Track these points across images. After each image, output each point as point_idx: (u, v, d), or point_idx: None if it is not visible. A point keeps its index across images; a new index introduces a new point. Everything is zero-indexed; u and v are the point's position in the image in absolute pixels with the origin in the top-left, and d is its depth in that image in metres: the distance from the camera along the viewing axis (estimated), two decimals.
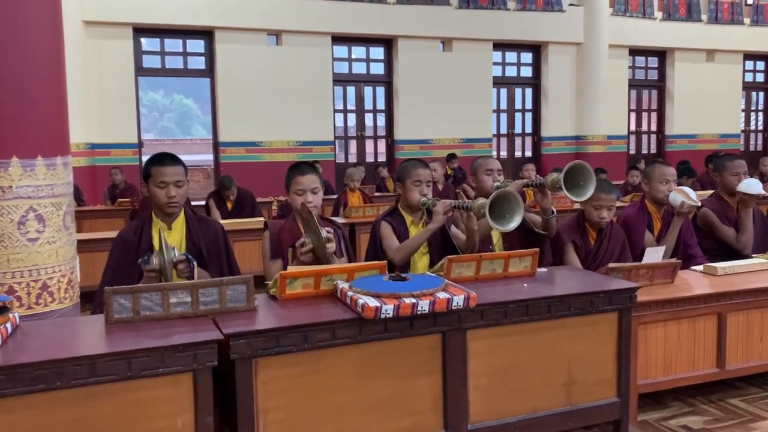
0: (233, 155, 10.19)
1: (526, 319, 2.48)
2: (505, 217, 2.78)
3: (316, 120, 10.52)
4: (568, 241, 3.40)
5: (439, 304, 2.24)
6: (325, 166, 10.07)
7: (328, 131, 10.71)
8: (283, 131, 10.41)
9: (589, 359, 2.60)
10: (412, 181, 3.15)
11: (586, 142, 11.93)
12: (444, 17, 10.99)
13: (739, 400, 3.04)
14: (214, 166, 10.63)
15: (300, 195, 2.91)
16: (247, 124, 10.16)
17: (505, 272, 2.81)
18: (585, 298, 2.56)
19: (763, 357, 3.05)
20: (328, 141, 10.72)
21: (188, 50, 10.30)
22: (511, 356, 2.48)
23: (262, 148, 10.34)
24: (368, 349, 2.26)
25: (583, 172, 3.02)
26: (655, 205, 3.64)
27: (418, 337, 2.32)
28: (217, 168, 10.36)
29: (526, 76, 12.14)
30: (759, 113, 13.96)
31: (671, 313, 2.84)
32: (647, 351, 2.81)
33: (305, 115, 10.40)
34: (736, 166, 3.79)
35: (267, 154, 10.33)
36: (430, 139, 11.35)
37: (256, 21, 10.04)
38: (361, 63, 11.19)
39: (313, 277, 2.47)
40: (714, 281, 3.08)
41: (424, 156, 10.31)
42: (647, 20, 12.25)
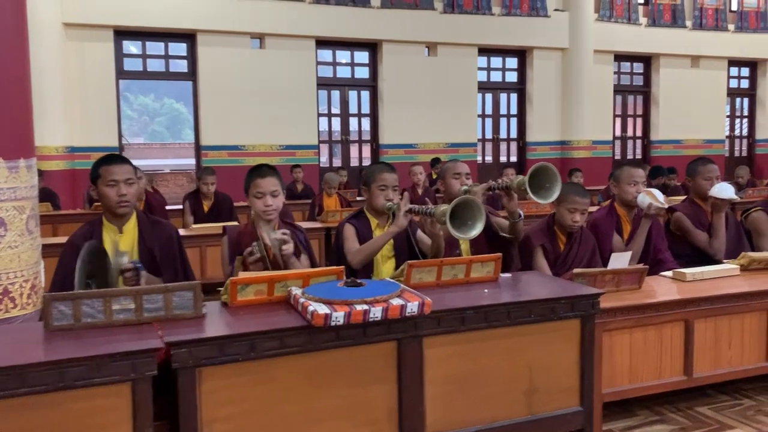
0: (215, 159, 10.09)
1: (485, 325, 2.41)
2: (467, 224, 2.71)
3: (299, 124, 10.45)
4: (537, 246, 3.35)
5: (392, 311, 2.17)
6: (309, 169, 10.03)
7: (312, 135, 10.64)
8: (267, 135, 10.34)
9: (551, 367, 2.54)
10: (378, 186, 3.09)
11: (571, 147, 11.91)
12: (429, 22, 10.96)
13: (708, 409, 2.99)
14: (196, 169, 10.51)
15: (259, 198, 2.84)
16: (230, 127, 10.08)
17: (468, 277, 2.75)
18: (546, 305, 2.50)
19: (732, 364, 3.00)
20: (312, 145, 10.65)
21: (170, 53, 10.20)
22: (470, 364, 2.41)
23: (245, 151, 10.26)
24: (319, 358, 2.19)
25: (548, 174, 2.97)
26: (624, 208, 3.60)
27: (372, 344, 2.25)
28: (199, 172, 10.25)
29: (511, 81, 12.12)
30: (743, 119, 14.01)
31: (637, 319, 2.78)
32: (612, 358, 2.75)
33: (289, 119, 10.33)
34: (708, 171, 3.75)
35: (250, 157, 10.21)
36: (415, 144, 11.30)
37: (239, 24, 9.97)
38: (346, 67, 11.13)
39: (266, 283, 2.39)
40: (682, 287, 3.03)
41: (409, 160, 10.27)
42: (632, 26, 12.27)
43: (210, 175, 5.96)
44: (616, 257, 3.04)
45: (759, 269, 3.34)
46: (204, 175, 6.00)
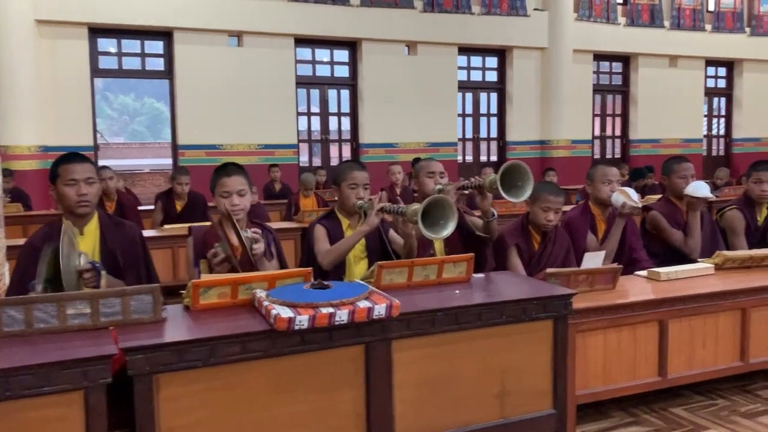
0: (193, 158, 9.96)
1: (456, 327, 2.36)
2: (439, 224, 2.66)
3: (278, 123, 10.35)
4: (512, 245, 3.30)
5: (359, 314, 2.11)
6: (288, 169, 9.94)
7: (291, 134, 10.54)
8: (245, 134, 10.22)
9: (523, 369, 2.49)
10: (348, 184, 3.03)
11: (551, 147, 11.94)
12: (409, 20, 10.91)
13: (682, 409, 2.96)
14: (173, 169, 10.36)
15: (225, 197, 2.76)
16: (208, 126, 9.96)
17: (439, 278, 2.69)
18: (518, 306, 2.45)
19: (706, 365, 2.98)
20: (291, 144, 10.55)
21: (147, 51, 10.05)
22: (441, 367, 2.35)
23: (223, 151, 10.13)
24: (284, 363, 2.11)
25: (520, 172, 2.92)
26: (598, 207, 3.57)
27: (339, 348, 2.18)
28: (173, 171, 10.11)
29: (491, 80, 12.12)
30: (721, 119, 14.15)
31: (611, 320, 2.74)
32: (586, 360, 2.72)
33: (267, 118, 10.23)
34: (683, 169, 3.74)
35: (228, 157, 10.07)
36: (395, 143, 11.24)
37: (217, 22, 9.85)
38: (325, 65, 11.05)
39: (229, 285, 2.31)
40: (656, 287, 3.00)
41: (390, 160, 10.20)
42: (611, 25, 12.34)
43: (184, 175, 5.85)
44: (590, 257, 3.01)
45: (733, 268, 3.33)
46: (178, 175, 5.89)
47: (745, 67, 13.70)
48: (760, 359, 3.10)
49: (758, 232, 3.94)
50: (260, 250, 2.62)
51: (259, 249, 2.61)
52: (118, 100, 37.58)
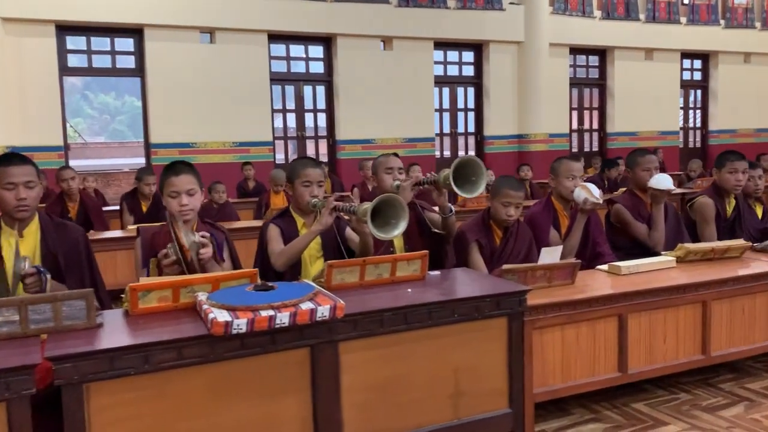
0: (166, 157, 9.76)
1: (405, 327, 2.30)
2: (390, 223, 2.59)
3: (253, 120, 10.21)
4: (472, 241, 3.25)
5: (301, 316, 2.04)
6: (264, 167, 9.82)
7: (266, 131, 10.41)
8: (219, 132, 10.08)
9: (477, 368, 2.43)
10: (301, 182, 2.95)
11: (528, 141, 11.93)
12: (384, 15, 10.82)
13: (644, 405, 2.93)
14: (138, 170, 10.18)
15: (174, 198, 2.68)
16: (180, 124, 9.80)
17: (393, 277, 2.63)
18: (470, 304, 2.40)
19: (668, 359, 2.94)
20: (266, 141, 10.43)
21: (116, 49, 9.87)
22: (391, 368, 2.29)
23: (196, 149, 9.99)
24: (223, 369, 2.04)
25: (474, 167, 2.87)
26: (561, 202, 3.53)
27: (283, 352, 2.12)
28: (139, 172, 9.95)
29: (468, 75, 12.06)
30: (697, 111, 14.22)
31: (568, 315, 2.69)
32: (544, 357, 2.66)
33: (242, 115, 10.09)
34: (647, 162, 3.70)
35: (201, 155, 9.97)
36: (372, 139, 11.16)
37: (188, 18, 9.68)
38: (300, 62, 10.92)
39: (170, 288, 2.23)
40: (616, 281, 2.96)
41: (367, 156, 10.13)
42: (587, 19, 12.32)
43: (150, 176, 5.73)
44: (547, 252, 2.96)
45: (695, 260, 3.30)
46: (144, 175, 5.76)
47: (720, 59, 13.76)
48: (722, 352, 3.07)
49: (727, 222, 3.92)
50: (207, 255, 2.53)
51: (206, 254, 2.53)
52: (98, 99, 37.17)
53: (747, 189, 4.03)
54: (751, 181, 4.01)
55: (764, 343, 3.20)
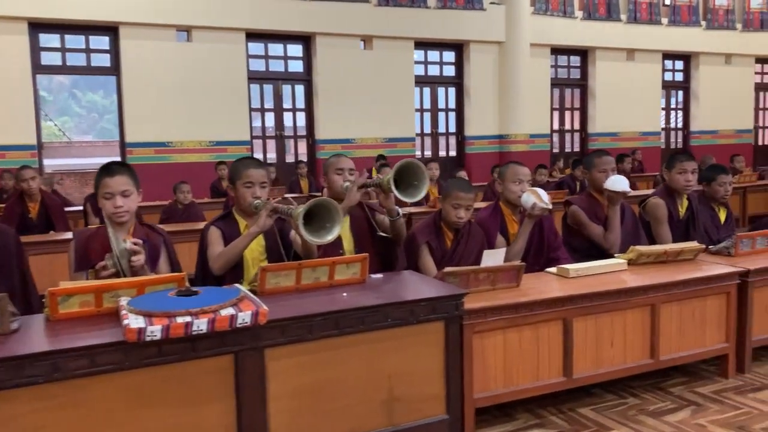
0: (141, 156, 9.72)
1: (337, 333, 2.24)
2: (325, 227, 2.54)
3: (230, 119, 10.13)
4: (423, 243, 3.20)
5: (220, 323, 1.98)
6: None
7: (243, 131, 10.33)
8: (195, 131, 9.99)
9: (413, 374, 2.39)
10: (243, 183, 2.89)
11: (509, 141, 11.91)
12: (363, 14, 10.76)
13: (590, 410, 2.89)
14: None
15: (108, 199, 2.61)
16: (156, 123, 9.70)
17: (331, 280, 2.57)
18: (405, 308, 2.35)
19: (615, 363, 2.91)
20: (244, 141, 10.34)
21: (91, 47, 9.75)
22: (322, 375, 2.24)
23: (173, 148, 9.90)
24: (140, 376, 1.98)
25: (416, 171, 2.82)
26: (509, 207, 3.48)
27: (204, 359, 2.06)
28: None
29: (449, 75, 12.03)
30: (678, 111, 14.27)
31: (510, 319, 2.65)
32: (485, 361, 2.62)
33: (219, 115, 10.01)
34: (603, 163, 3.67)
35: (178, 154, 9.89)
36: (352, 139, 11.10)
37: (165, 16, 9.59)
38: (279, 60, 10.84)
39: (92, 293, 2.17)
40: (563, 284, 2.92)
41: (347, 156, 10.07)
42: (568, 19, 12.32)
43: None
44: (489, 254, 2.91)
45: (647, 263, 3.27)
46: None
47: (701, 60, 13.80)
48: (672, 356, 3.05)
49: (680, 223, 3.89)
50: (139, 263, 2.47)
51: (138, 262, 2.47)
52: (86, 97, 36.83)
53: (716, 194, 4.01)
54: (722, 187, 3.99)
55: (715, 347, 3.17)
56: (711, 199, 4.06)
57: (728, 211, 4.16)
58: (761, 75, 14.79)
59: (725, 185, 4.00)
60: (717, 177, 4.01)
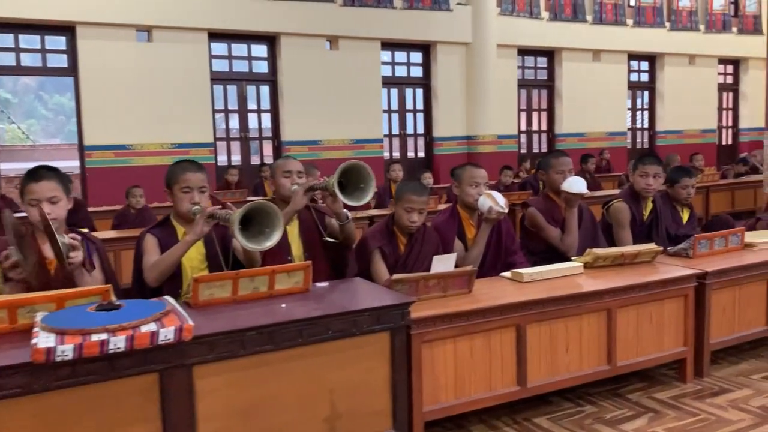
0: (100, 159, 9.44)
1: (272, 348, 2.11)
2: (264, 232, 2.40)
3: (193, 121, 9.89)
4: (375, 248, 3.08)
5: (139, 340, 1.84)
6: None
7: (207, 132, 10.10)
8: (156, 133, 9.72)
9: (356, 388, 2.26)
10: (180, 188, 2.74)
11: (477, 142, 11.87)
12: (329, 15, 10.61)
13: (546, 419, 2.80)
14: (81, 171, 9.80)
15: (33, 206, 2.44)
16: (116, 126, 9.42)
17: (271, 290, 2.44)
18: (347, 318, 2.23)
19: (571, 370, 2.82)
20: (207, 143, 10.11)
21: (47, 47, 9.44)
22: (256, 392, 2.10)
23: (134, 151, 9.62)
24: (53, 400, 1.82)
25: (361, 173, 2.70)
26: (466, 210, 3.38)
27: (125, 379, 1.91)
28: (83, 174, 9.57)
29: (416, 76, 11.94)
30: (644, 111, 14.40)
31: (461, 327, 2.55)
32: (435, 372, 2.51)
33: (181, 116, 9.76)
34: (560, 164, 3.59)
35: (138, 157, 9.63)
36: (319, 140, 10.94)
37: (124, 16, 9.32)
38: (243, 61, 10.63)
39: (5, 308, 2.00)
40: (517, 289, 2.82)
41: (314, 158, 9.94)
42: (534, 20, 12.33)
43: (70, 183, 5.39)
44: (439, 260, 2.81)
45: (604, 266, 3.20)
46: None
47: (666, 60, 13.95)
48: (629, 361, 2.98)
49: (644, 226, 3.85)
50: (77, 260, 2.31)
51: (76, 258, 2.31)
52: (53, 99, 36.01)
53: (679, 196, 3.98)
54: (684, 190, 3.96)
55: (674, 351, 3.11)
56: (674, 200, 4.03)
57: (691, 212, 4.13)
58: (724, 75, 15.01)
59: (688, 188, 3.99)
60: (680, 179, 3.99)
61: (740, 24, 14.49)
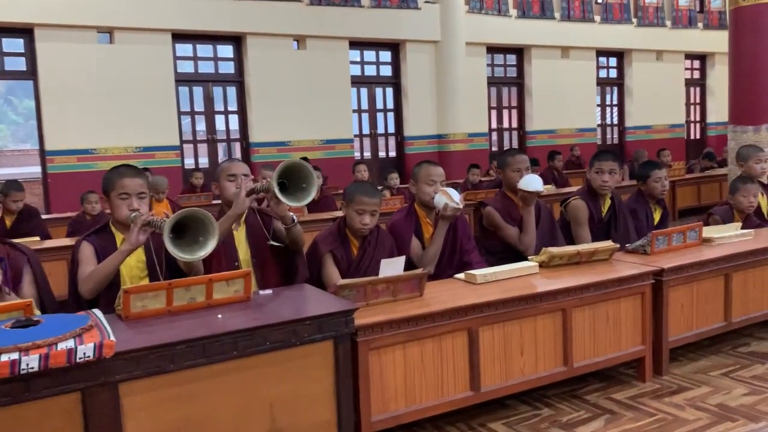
0: (63, 164, 9.22)
1: (204, 362, 2.01)
2: (198, 240, 2.30)
3: (158, 124, 9.70)
4: (326, 252, 2.99)
5: (55, 359, 1.73)
6: (171, 172, 9.36)
7: (172, 135, 9.91)
8: (120, 137, 9.52)
9: (298, 401, 2.17)
10: (118, 194, 2.62)
11: (448, 141, 11.83)
12: (296, 14, 10.49)
13: (501, 423, 2.74)
14: (42, 177, 9.54)
15: None
16: (78, 130, 9.20)
17: (209, 300, 2.33)
18: (286, 329, 2.13)
19: (526, 373, 2.76)
20: (173, 146, 9.92)
21: (4, 50, 9.17)
22: (190, 409, 2.00)
23: (97, 155, 9.40)
24: None
25: (302, 173, 2.61)
26: (423, 209, 3.31)
27: (44, 400, 1.79)
28: (45, 180, 9.33)
29: (386, 75, 11.87)
30: (614, 108, 14.50)
31: (410, 333, 2.47)
32: (383, 380, 2.43)
33: (145, 119, 9.56)
34: (517, 162, 3.53)
35: (102, 162, 9.38)
36: (288, 141, 10.81)
37: (84, 17, 9.09)
38: (208, 62, 10.46)
39: None
40: (470, 291, 2.75)
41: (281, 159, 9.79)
42: (503, 18, 12.33)
43: (19, 192, 5.23)
44: (387, 263, 2.72)
45: (560, 265, 3.15)
46: (12, 191, 5.23)
47: (634, 57, 14.06)
48: (586, 362, 2.93)
49: (602, 224, 3.81)
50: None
51: None
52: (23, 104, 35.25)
53: (653, 191, 3.92)
54: (658, 183, 3.91)
55: (631, 350, 3.07)
56: (650, 197, 3.98)
57: (664, 212, 4.05)
58: (690, 71, 15.19)
59: (661, 180, 3.91)
60: (651, 173, 3.92)
61: (706, 19, 14.66)
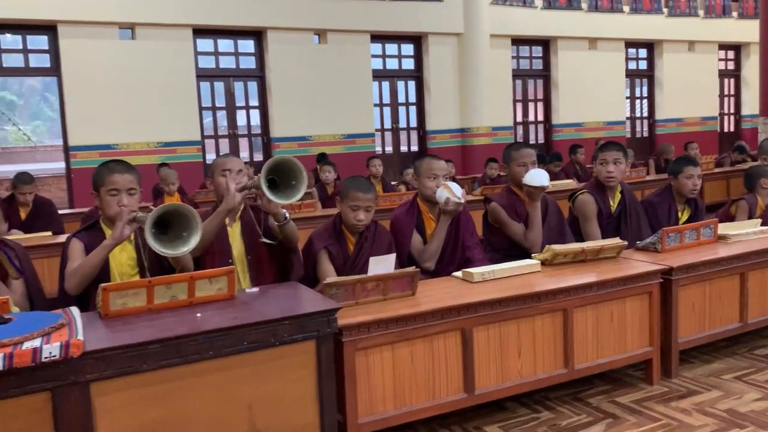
0: (86, 160, 9.33)
1: (180, 361, 1.96)
2: (181, 236, 2.26)
3: (180, 119, 9.77)
4: (321, 249, 2.93)
5: (20, 358, 1.70)
6: (193, 168, 9.45)
7: (194, 130, 9.98)
8: (143, 132, 9.62)
9: (279, 402, 2.12)
10: (107, 190, 2.60)
11: (471, 135, 11.67)
12: (317, 8, 10.45)
13: (497, 426, 2.65)
14: (66, 173, 9.70)
15: None
16: (101, 125, 9.32)
17: (192, 298, 2.28)
18: (264, 328, 2.08)
19: (524, 375, 2.66)
20: (195, 141, 9.99)
21: (29, 47, 9.34)
22: (163, 410, 1.96)
23: (119, 150, 9.50)
24: None
25: (291, 169, 2.55)
26: (426, 203, 3.23)
27: (11, 399, 1.77)
28: (69, 175, 9.48)
29: (408, 68, 11.75)
30: (643, 100, 14.13)
31: (399, 333, 2.39)
32: (370, 381, 2.35)
33: (168, 114, 9.65)
34: (522, 156, 3.41)
35: (124, 157, 9.33)
36: (309, 136, 10.79)
37: (106, 14, 9.19)
38: (230, 57, 10.48)
39: None
40: (465, 290, 2.66)
41: (304, 154, 9.83)
42: (528, 9, 12.09)
43: (27, 185, 5.29)
44: (377, 261, 2.65)
45: (563, 263, 3.03)
46: (20, 184, 5.30)
47: (664, 48, 13.66)
48: (588, 364, 2.81)
49: (612, 218, 3.65)
50: None
51: None
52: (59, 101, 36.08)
53: (683, 188, 3.75)
54: (689, 180, 3.72)
55: (638, 352, 2.94)
56: (678, 194, 3.79)
57: (694, 212, 3.82)
58: (725, 62, 14.70)
59: (693, 178, 3.70)
60: (684, 169, 3.72)
61: (740, 8, 14.16)
